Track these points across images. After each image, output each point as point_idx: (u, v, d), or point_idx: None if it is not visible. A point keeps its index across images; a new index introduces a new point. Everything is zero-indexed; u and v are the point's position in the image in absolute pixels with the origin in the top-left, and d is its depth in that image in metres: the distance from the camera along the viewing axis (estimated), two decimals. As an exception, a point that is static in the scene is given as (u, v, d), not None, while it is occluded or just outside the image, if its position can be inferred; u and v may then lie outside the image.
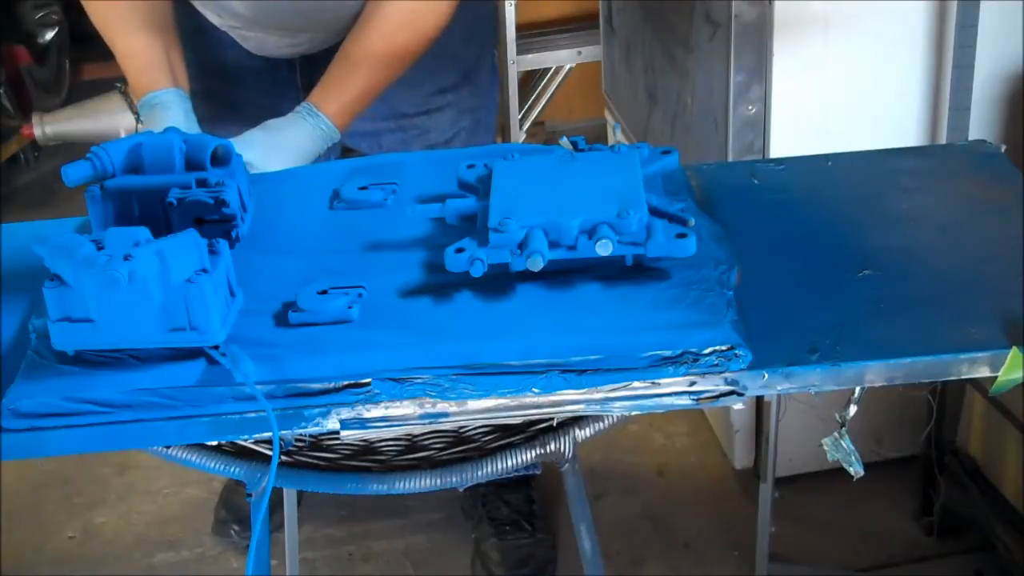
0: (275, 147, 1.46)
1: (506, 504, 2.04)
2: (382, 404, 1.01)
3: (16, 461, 1.39)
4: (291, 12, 1.63)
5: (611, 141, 2.67)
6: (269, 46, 1.72)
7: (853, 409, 1.12)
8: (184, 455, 1.25)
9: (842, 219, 1.23)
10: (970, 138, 1.77)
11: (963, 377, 1.03)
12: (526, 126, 3.16)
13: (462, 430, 1.25)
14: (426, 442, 1.27)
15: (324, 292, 1.10)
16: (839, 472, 1.15)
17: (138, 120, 3.11)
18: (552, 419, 1.22)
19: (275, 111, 1.80)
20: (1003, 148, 1.34)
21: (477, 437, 1.26)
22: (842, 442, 1.12)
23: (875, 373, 1.02)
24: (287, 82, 1.77)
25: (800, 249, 1.18)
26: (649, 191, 1.14)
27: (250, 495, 1.28)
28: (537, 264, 1.07)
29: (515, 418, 1.10)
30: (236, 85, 1.78)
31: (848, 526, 2.04)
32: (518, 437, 1.25)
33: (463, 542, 2.06)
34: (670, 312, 1.05)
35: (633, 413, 1.04)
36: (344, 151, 1.89)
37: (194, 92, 1.79)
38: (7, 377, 1.03)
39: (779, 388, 1.02)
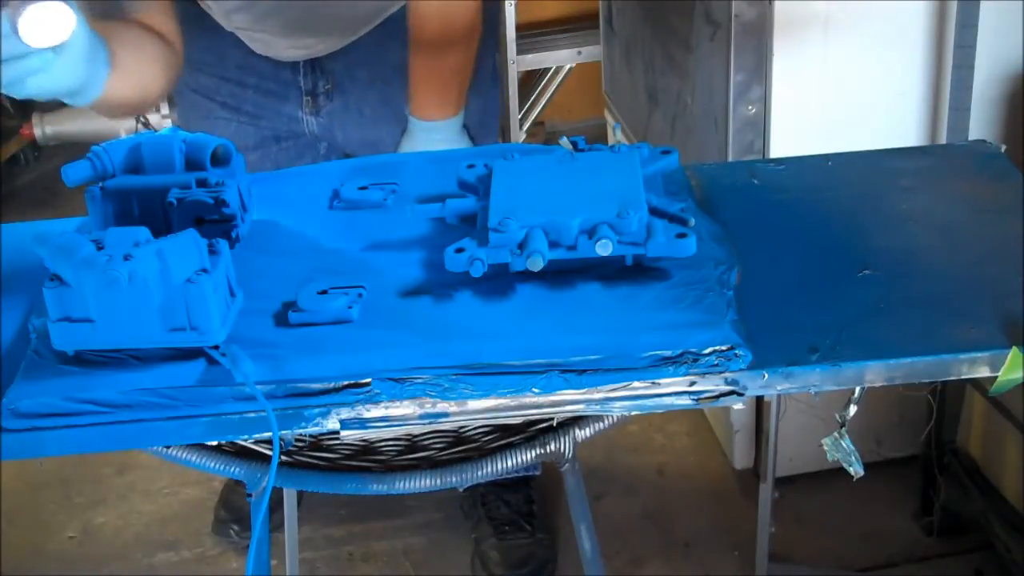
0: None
1: (506, 504, 2.04)
2: (382, 404, 1.01)
3: (16, 461, 1.39)
4: (296, 18, 1.62)
5: (611, 141, 2.67)
6: (275, 48, 1.72)
7: (853, 409, 1.11)
8: (184, 455, 1.25)
9: (842, 219, 1.23)
10: (970, 138, 1.77)
11: (963, 377, 1.03)
12: (526, 126, 3.16)
13: (462, 430, 1.25)
14: (426, 442, 1.27)
15: (324, 292, 1.10)
16: (839, 472, 1.15)
17: (138, 121, 3.11)
18: (552, 419, 1.22)
19: (275, 112, 1.80)
20: (1003, 148, 1.34)
21: (477, 437, 1.26)
22: (842, 442, 1.12)
23: (875, 373, 1.02)
24: (290, 84, 1.76)
25: (800, 249, 1.18)
26: (649, 191, 1.14)
27: (250, 495, 1.28)
28: (537, 264, 1.07)
29: (515, 418, 1.10)
30: (237, 84, 1.78)
31: (848, 526, 2.04)
32: (518, 437, 1.25)
33: (463, 542, 2.06)
34: (670, 312, 1.05)
35: (633, 413, 1.04)
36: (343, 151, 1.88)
37: (194, 89, 1.79)
38: (7, 377, 1.03)
39: (779, 388, 1.02)
